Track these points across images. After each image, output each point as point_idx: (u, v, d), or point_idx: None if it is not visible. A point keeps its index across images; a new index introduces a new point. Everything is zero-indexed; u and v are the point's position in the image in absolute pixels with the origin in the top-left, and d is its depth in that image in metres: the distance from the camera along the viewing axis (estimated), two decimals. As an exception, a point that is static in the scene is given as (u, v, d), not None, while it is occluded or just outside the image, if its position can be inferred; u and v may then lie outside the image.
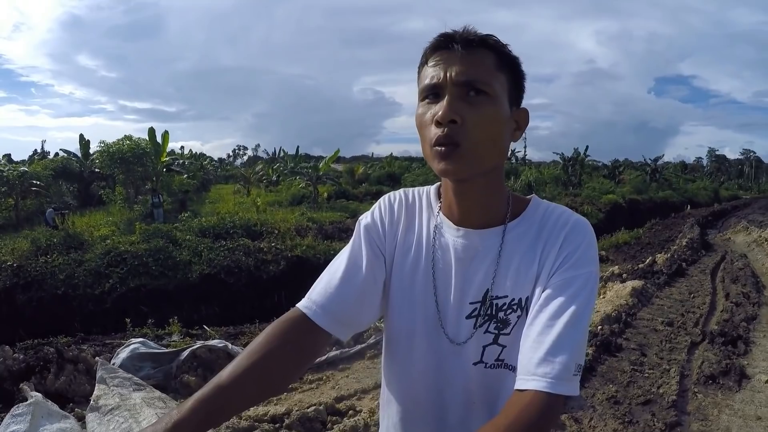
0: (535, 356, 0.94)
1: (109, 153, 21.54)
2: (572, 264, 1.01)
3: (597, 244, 1.07)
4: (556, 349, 0.93)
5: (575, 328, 0.95)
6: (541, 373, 0.91)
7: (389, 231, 1.16)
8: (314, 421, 4.10)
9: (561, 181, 37.63)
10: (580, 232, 1.05)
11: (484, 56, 1.00)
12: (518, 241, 1.07)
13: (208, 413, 0.91)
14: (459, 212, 1.09)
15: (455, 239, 1.09)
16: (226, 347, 5.60)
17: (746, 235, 17.37)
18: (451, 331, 1.09)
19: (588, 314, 0.98)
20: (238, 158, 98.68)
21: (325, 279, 1.13)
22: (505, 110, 1.01)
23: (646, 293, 8.54)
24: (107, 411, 2.76)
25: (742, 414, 4.34)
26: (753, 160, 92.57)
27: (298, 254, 13.12)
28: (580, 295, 0.98)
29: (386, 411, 1.20)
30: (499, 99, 1.00)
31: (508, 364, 1.06)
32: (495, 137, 1.00)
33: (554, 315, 0.96)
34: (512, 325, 1.05)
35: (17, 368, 5.16)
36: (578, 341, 0.95)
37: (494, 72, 1.00)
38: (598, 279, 1.05)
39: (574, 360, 0.93)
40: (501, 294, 1.06)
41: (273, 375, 1.00)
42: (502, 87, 1.00)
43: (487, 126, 0.98)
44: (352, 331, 1.14)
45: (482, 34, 1.02)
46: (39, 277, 11.02)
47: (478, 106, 0.98)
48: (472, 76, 0.98)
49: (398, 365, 1.16)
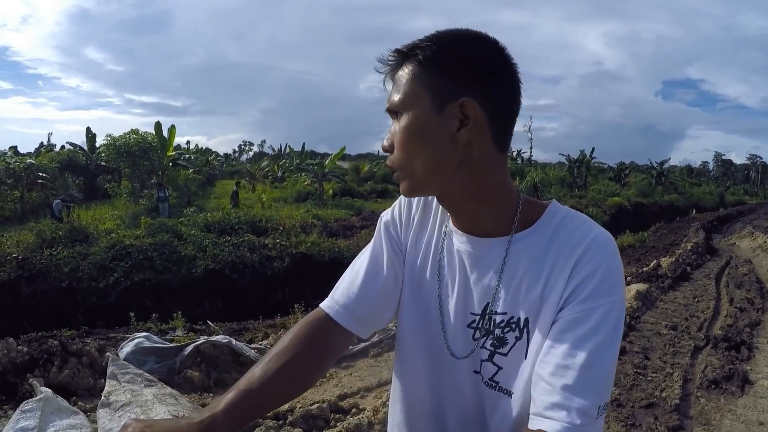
0: (549, 399, 0.86)
1: (115, 146, 21.65)
2: (589, 294, 0.89)
3: (622, 265, 0.95)
4: (572, 393, 0.84)
5: (593, 369, 0.85)
6: (558, 417, 0.84)
7: (405, 228, 1.15)
8: (317, 418, 4.12)
9: (566, 182, 37.53)
10: (598, 253, 0.91)
11: (403, 72, 0.95)
12: (524, 254, 0.97)
13: (240, 416, 0.93)
14: (455, 221, 1.05)
15: (460, 245, 1.04)
16: (230, 343, 5.62)
17: (751, 240, 17.31)
18: (452, 340, 1.06)
19: (612, 351, 0.88)
20: (243, 154, 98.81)
21: (348, 279, 1.14)
22: (425, 117, 0.92)
23: (651, 297, 8.53)
24: (119, 407, 2.77)
25: (744, 419, 4.34)
26: (759, 165, 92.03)
27: (302, 251, 13.11)
28: (598, 332, 0.87)
29: (393, 409, 1.20)
30: (414, 110, 0.93)
31: (503, 388, 1.00)
32: (416, 150, 0.94)
33: (568, 355, 0.87)
34: (510, 346, 0.98)
35: (21, 361, 5.18)
36: (598, 382, 0.86)
37: (409, 85, 0.93)
38: (624, 307, 0.92)
39: (596, 403, 0.84)
40: (500, 310, 0.99)
41: (300, 376, 1.03)
42: (417, 95, 0.93)
43: (403, 143, 0.95)
44: (373, 329, 1.14)
45: (401, 49, 0.96)
46: (44, 269, 11.03)
47: (398, 126, 0.96)
48: (390, 101, 0.97)
49: (404, 366, 1.15)
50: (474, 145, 0.93)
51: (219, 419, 0.89)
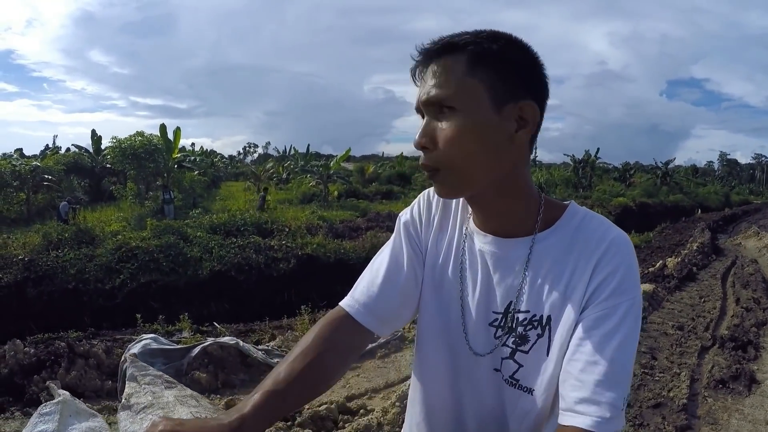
0: (579, 395, 0.88)
1: (120, 149, 21.73)
2: (612, 292, 0.92)
3: (638, 264, 0.99)
4: (602, 388, 0.87)
5: (620, 363, 0.88)
6: (589, 412, 0.86)
7: (425, 228, 1.15)
8: (326, 419, 4.12)
9: (571, 183, 37.53)
10: (618, 252, 0.95)
11: (450, 65, 0.93)
12: (547, 253, 1.00)
13: (266, 417, 0.92)
14: (480, 221, 1.07)
15: (483, 245, 1.06)
16: (238, 344, 5.63)
17: (757, 240, 17.28)
18: (473, 338, 1.07)
19: (633, 345, 0.91)
20: (248, 156, 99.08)
21: (368, 277, 1.13)
22: (485, 116, 0.92)
23: (657, 297, 8.52)
24: (140, 409, 2.75)
25: (752, 418, 4.33)
26: (765, 164, 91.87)
27: (308, 252, 13.11)
28: (623, 326, 0.90)
29: (411, 409, 1.20)
30: (471, 108, 0.91)
31: (523, 386, 1.01)
32: (473, 151, 0.92)
33: (597, 350, 0.89)
34: (531, 344, 1.00)
35: (28, 362, 5.21)
36: (625, 376, 0.89)
37: (463, 79, 0.92)
38: (641, 303, 0.96)
39: (621, 396, 0.87)
40: (523, 308, 1.01)
41: (324, 375, 1.02)
42: (474, 93, 0.91)
43: (458, 142, 0.92)
44: (393, 328, 1.14)
45: (448, 38, 0.94)
46: (50, 271, 11.05)
47: (449, 122, 0.92)
48: (435, 93, 0.93)
49: (424, 365, 1.15)
50: (524, 147, 0.97)
51: (247, 421, 0.89)
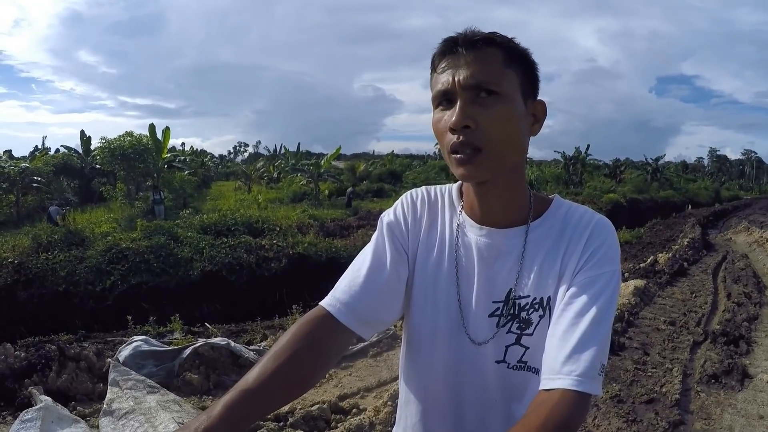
0: (561, 354, 0.93)
1: (110, 149, 21.55)
2: (596, 262, 1.01)
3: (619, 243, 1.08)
4: (582, 346, 0.92)
5: (600, 325, 0.95)
6: (568, 371, 0.91)
7: (412, 229, 1.15)
8: (318, 419, 4.10)
9: (562, 179, 37.67)
10: (603, 231, 1.05)
11: (490, 55, 0.99)
12: (541, 240, 1.07)
13: (238, 419, 0.89)
14: (481, 212, 1.09)
15: (478, 238, 1.09)
16: (229, 345, 5.59)
17: (747, 235, 17.39)
18: (473, 330, 1.08)
19: (611, 312, 0.98)
20: (238, 155, 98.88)
21: (349, 277, 1.11)
22: (520, 106, 1.00)
23: (648, 292, 8.54)
24: (121, 415, 2.71)
25: (744, 413, 4.34)
26: (754, 160, 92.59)
27: (299, 251, 13.11)
28: (604, 293, 0.98)
29: (405, 411, 1.19)
30: (511, 96, 0.99)
31: (531, 367, 1.05)
32: (512, 136, 1.00)
33: (579, 313, 0.96)
34: (534, 325, 1.04)
35: (19, 366, 5.14)
36: (603, 339, 0.95)
37: (503, 70, 0.98)
38: (620, 277, 1.05)
39: (599, 358, 0.92)
40: (524, 294, 1.06)
41: (300, 376, 0.99)
42: (512, 83, 0.99)
43: (503, 126, 0.97)
44: (375, 329, 1.12)
45: (486, 33, 1.01)
46: (40, 274, 10.99)
47: (491, 107, 0.97)
48: (479, 77, 0.97)
49: (419, 364, 1.14)
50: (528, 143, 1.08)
51: (215, 425, 0.86)
